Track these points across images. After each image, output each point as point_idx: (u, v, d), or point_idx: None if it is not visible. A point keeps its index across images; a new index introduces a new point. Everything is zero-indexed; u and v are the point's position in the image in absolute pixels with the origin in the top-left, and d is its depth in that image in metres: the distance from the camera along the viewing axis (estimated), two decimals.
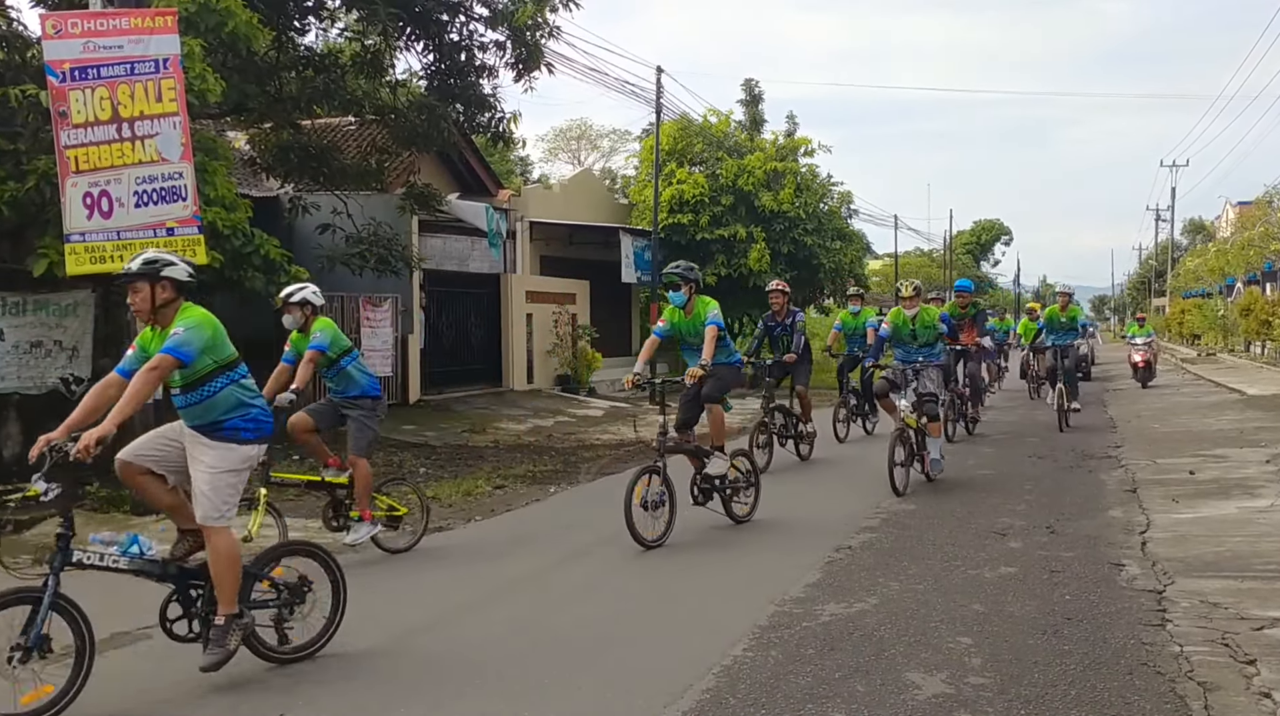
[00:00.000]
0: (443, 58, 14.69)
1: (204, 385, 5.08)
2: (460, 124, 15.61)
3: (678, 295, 8.46)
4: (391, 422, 14.85)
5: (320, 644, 5.36)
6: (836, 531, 8.13)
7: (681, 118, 27.19)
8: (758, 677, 4.85)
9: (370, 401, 7.87)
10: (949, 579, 6.66)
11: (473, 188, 22.41)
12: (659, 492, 7.71)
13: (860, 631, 5.55)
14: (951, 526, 8.30)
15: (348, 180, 15.06)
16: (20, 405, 10.58)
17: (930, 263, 64.95)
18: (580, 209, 26.04)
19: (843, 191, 29.24)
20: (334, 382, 7.90)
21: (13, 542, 8.65)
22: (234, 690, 4.94)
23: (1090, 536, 7.86)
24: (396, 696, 4.80)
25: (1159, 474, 10.75)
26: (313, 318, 7.77)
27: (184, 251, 9.20)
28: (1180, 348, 42.76)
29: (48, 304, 10.65)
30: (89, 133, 8.95)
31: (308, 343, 7.66)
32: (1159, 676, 4.80)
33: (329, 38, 15.96)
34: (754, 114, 31.12)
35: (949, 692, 4.64)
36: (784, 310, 12.29)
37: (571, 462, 12.96)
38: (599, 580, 6.95)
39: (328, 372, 7.86)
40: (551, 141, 55.09)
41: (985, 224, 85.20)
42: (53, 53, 8.91)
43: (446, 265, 20.37)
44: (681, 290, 8.41)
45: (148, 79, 9.03)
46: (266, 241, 10.93)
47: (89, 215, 8.99)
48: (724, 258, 25.81)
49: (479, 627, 5.91)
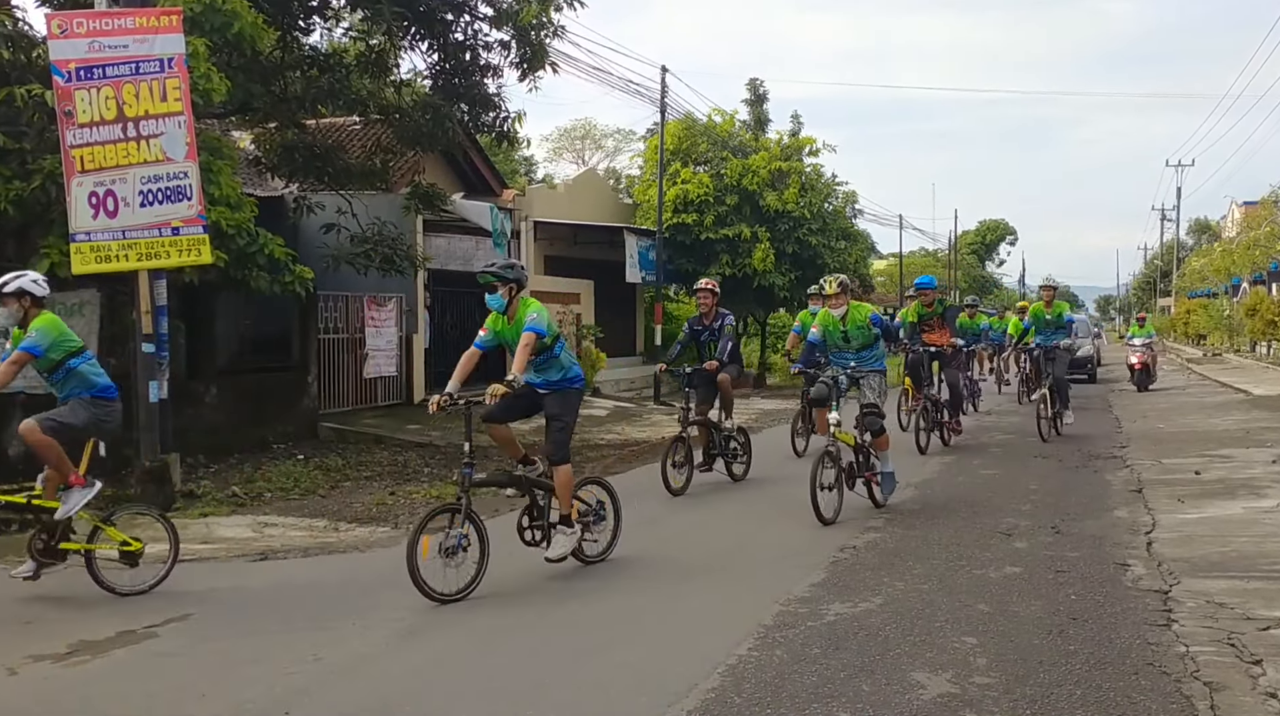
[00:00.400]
0: (447, 57, 14.68)
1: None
2: (465, 123, 15.60)
3: (495, 298, 7.06)
4: (396, 422, 14.87)
5: None
6: (841, 531, 8.11)
7: (686, 117, 27.17)
8: (763, 677, 4.84)
9: (105, 404, 6.89)
10: (954, 578, 6.65)
11: (477, 187, 22.39)
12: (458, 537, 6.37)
13: (865, 631, 5.54)
14: (956, 526, 8.28)
15: (352, 180, 15.06)
16: (26, 405, 10.53)
17: (935, 262, 64.82)
18: (585, 209, 26.02)
19: (847, 191, 29.21)
20: (60, 387, 6.84)
21: (17, 541, 8.66)
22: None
23: (1095, 536, 7.85)
24: None
25: (1164, 474, 10.72)
26: (33, 311, 6.72)
27: (189, 251, 9.27)
28: (1186, 348, 42.70)
29: (53, 304, 10.57)
30: (94, 132, 8.97)
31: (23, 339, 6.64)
32: (1165, 676, 4.78)
33: (334, 37, 16.00)
34: (759, 113, 31.09)
35: (954, 692, 4.63)
36: (712, 312, 10.71)
37: (576, 462, 12.87)
38: (601, 579, 6.94)
39: (52, 376, 6.84)
40: (556, 141, 55.09)
41: (990, 224, 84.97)
42: (58, 52, 8.93)
43: (451, 265, 20.36)
44: (499, 292, 7.03)
45: (153, 78, 9.04)
46: (271, 241, 10.94)
47: (94, 215, 9.01)
48: (728, 257, 25.77)
49: (477, 625, 5.90)
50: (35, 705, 4.79)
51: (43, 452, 6.56)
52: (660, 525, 8.73)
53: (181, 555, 7.10)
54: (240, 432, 13.07)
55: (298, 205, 14.91)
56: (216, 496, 10.04)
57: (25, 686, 5.02)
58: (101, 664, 5.33)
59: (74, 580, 6.77)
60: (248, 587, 6.89)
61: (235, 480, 10.84)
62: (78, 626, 5.91)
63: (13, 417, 10.54)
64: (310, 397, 15.01)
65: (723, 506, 9.59)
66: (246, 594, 6.72)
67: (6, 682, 5.05)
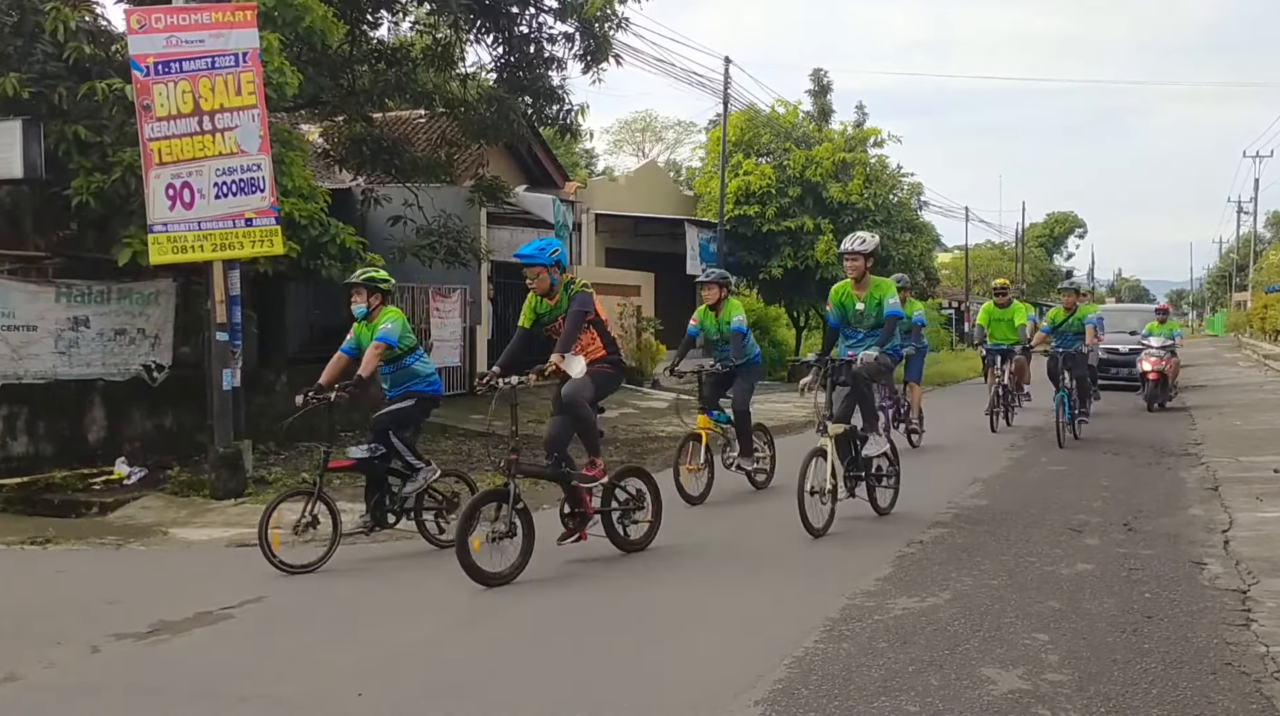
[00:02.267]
0: (512, 50, 14.78)
1: None
2: (528, 116, 15.69)
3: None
4: (459, 412, 15.02)
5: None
6: (907, 526, 8.03)
7: (749, 108, 27.04)
8: (829, 669, 4.82)
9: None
10: (1024, 575, 6.55)
11: (539, 180, 22.53)
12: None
13: (933, 625, 5.48)
14: (1025, 523, 8.16)
15: (418, 172, 15.22)
16: (105, 391, 10.90)
17: (1002, 255, 63.78)
18: (645, 201, 26.04)
19: (912, 183, 28.88)
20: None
21: (98, 524, 8.95)
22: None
23: (1170, 534, 7.68)
24: None
25: (1242, 472, 10.46)
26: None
27: (262, 242, 9.44)
28: (1263, 343, 41.52)
29: (131, 293, 10.95)
30: (171, 125, 9.17)
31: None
32: (1244, 676, 4.67)
33: (400, 31, 16.17)
34: (822, 104, 30.94)
35: (1026, 688, 4.56)
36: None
37: (637, 453, 12.97)
38: (663, 569, 6.95)
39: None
40: (616, 133, 55.21)
41: (1058, 216, 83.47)
42: (137, 47, 9.14)
43: (513, 257, 20.53)
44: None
45: (228, 73, 9.22)
46: (342, 230, 11.11)
47: (171, 206, 9.21)
48: (790, 249, 25.60)
49: (538, 612, 5.95)
50: (117, 682, 4.93)
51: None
52: (719, 516, 8.72)
53: (250, 540, 7.35)
54: (309, 420, 13.25)
55: (365, 197, 15.12)
56: (287, 482, 10.22)
57: (108, 663, 5.18)
58: (181, 642, 5.47)
59: (160, 560, 6.94)
60: (319, 570, 7.02)
61: (305, 466, 11.03)
62: (158, 606, 6.07)
63: (92, 404, 10.87)
64: (376, 387, 15.19)
65: (780, 500, 9.54)
66: (317, 577, 6.85)
67: (90, 660, 5.21)
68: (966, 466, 11.12)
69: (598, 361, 7.14)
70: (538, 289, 7.17)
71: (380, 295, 7.63)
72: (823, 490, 7.62)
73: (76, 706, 4.65)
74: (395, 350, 7.52)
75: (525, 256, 7.17)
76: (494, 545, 6.41)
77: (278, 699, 4.65)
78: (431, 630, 5.66)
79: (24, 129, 9.49)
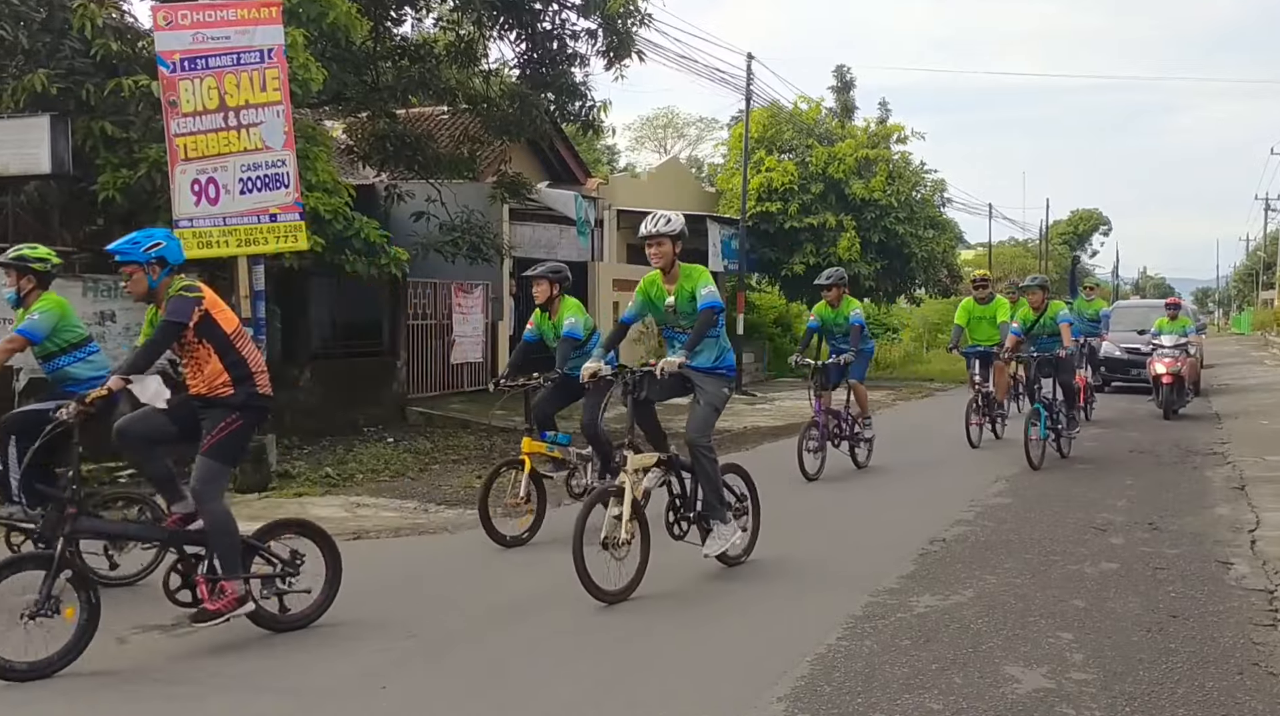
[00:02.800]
0: (535, 46, 14.79)
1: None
2: (551, 113, 15.71)
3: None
4: (482, 407, 15.09)
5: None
6: (929, 524, 7.99)
7: (771, 105, 26.94)
8: (853, 667, 4.81)
9: None
10: (1048, 573, 6.51)
11: (561, 176, 22.54)
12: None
13: (957, 623, 5.46)
14: (1049, 521, 8.11)
15: (441, 168, 15.27)
16: None
17: (1025, 252, 63.34)
18: (667, 197, 25.96)
19: (936, 179, 28.66)
20: None
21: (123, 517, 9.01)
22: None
23: (1195, 533, 7.62)
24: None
25: (1269, 471, 10.35)
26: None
27: (286, 237, 9.49)
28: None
29: None
30: (197, 121, 9.23)
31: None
32: (1271, 677, 4.64)
33: (424, 27, 16.21)
34: (845, 101, 30.73)
35: (1050, 687, 4.54)
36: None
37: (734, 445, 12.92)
38: (684, 567, 6.94)
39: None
40: (638, 130, 55.14)
41: (1083, 213, 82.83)
42: (164, 44, 9.20)
43: (535, 253, 20.49)
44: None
45: (253, 69, 9.27)
46: (366, 224, 11.16)
47: (197, 202, 9.27)
48: (813, 246, 25.50)
49: (564, 609, 5.95)
50: (141, 673, 4.97)
51: None
52: None
53: None
54: (332, 415, 13.38)
55: (388, 193, 15.18)
56: (310, 477, 10.29)
57: (133, 655, 5.22)
58: (205, 635, 5.50)
59: None
60: (343, 565, 7.03)
61: (328, 461, 11.10)
62: None
63: (120, 397, 10.95)
64: (399, 382, 15.31)
65: (802, 496, 9.53)
66: (343, 571, 6.87)
67: (115, 651, 5.25)
68: (989, 464, 11.05)
69: (218, 397, 5.57)
70: (132, 291, 5.64)
71: (34, 277, 6.47)
72: (615, 541, 5.92)
73: (103, 696, 4.69)
74: (45, 347, 6.46)
75: (116, 252, 5.51)
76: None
77: (299, 691, 4.68)
78: (459, 623, 5.68)
79: (52, 124, 9.57)
